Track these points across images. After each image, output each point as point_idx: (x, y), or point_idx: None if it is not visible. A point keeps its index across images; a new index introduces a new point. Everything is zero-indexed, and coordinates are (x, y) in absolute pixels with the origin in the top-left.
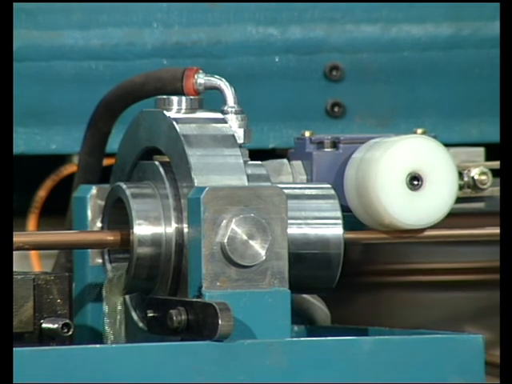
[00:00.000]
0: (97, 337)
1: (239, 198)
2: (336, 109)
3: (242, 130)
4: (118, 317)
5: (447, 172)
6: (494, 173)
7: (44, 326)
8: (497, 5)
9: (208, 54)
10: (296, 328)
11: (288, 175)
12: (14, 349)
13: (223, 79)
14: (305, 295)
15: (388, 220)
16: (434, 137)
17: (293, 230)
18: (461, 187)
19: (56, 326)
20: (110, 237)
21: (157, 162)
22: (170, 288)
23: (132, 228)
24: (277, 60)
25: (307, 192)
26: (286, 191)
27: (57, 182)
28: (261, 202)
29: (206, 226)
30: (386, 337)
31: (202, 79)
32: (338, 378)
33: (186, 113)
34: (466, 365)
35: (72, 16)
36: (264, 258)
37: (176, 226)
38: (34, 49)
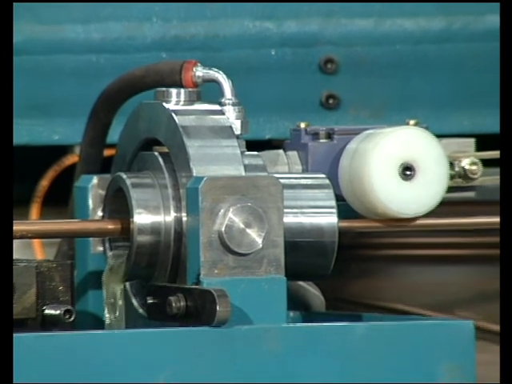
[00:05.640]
0: (98, 323)
1: (237, 188)
2: (331, 101)
3: (239, 121)
4: (118, 303)
5: (438, 162)
6: (484, 163)
7: (46, 312)
8: None
9: (206, 47)
10: (292, 314)
11: (284, 165)
12: (17, 334)
13: (221, 72)
14: (300, 282)
15: (381, 209)
16: (426, 128)
17: (289, 219)
18: (452, 177)
19: (58, 312)
20: (110, 225)
21: (156, 153)
22: (169, 275)
23: (132, 217)
24: (273, 53)
25: (303, 182)
26: (282, 181)
27: (59, 172)
28: (257, 192)
29: (204, 215)
30: (379, 323)
31: (200, 72)
32: (332, 362)
33: (184, 105)
34: (457, 350)
35: (73, 10)
36: (260, 246)
37: (175, 214)
38: (35, 42)
